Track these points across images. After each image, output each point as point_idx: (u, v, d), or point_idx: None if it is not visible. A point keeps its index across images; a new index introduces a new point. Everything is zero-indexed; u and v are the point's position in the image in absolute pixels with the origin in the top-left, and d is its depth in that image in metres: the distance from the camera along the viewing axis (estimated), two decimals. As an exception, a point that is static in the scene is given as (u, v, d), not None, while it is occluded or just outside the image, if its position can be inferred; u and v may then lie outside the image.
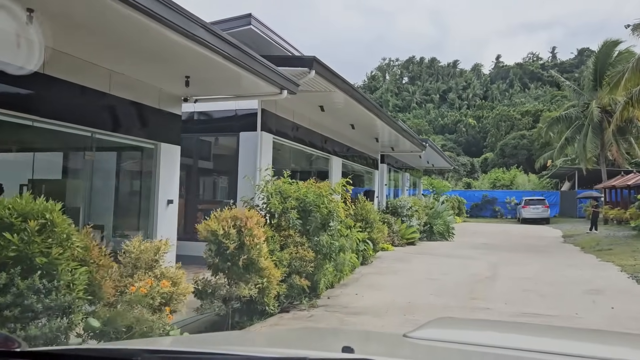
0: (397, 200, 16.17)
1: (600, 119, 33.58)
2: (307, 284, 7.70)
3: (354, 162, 20.39)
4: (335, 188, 8.73)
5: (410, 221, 15.75)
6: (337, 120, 16.20)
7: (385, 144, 21.95)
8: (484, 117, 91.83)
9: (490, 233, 23.04)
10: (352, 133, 18.50)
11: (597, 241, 17.91)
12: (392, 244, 14.44)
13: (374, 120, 15.78)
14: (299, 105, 13.43)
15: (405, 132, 19.57)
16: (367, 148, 21.57)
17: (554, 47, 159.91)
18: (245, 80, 8.20)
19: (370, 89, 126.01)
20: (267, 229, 7.22)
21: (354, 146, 19.80)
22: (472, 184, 52.10)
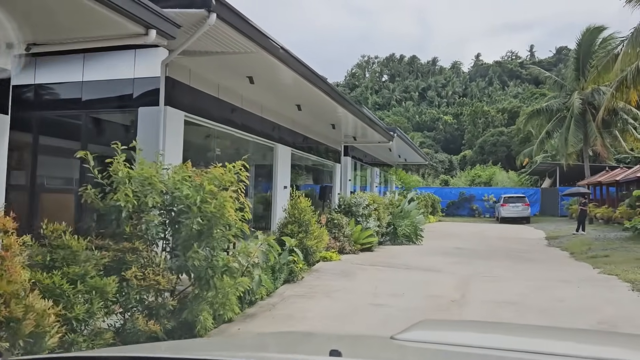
0: (352, 197, 13.18)
1: (583, 111, 31.06)
2: (158, 330, 4.68)
3: (310, 153, 17.37)
4: (224, 177, 5.65)
5: (367, 222, 12.78)
6: (281, 100, 13.18)
7: (346, 133, 18.99)
8: (462, 114, 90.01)
9: (465, 234, 20.21)
10: (303, 117, 15.47)
11: (587, 244, 15.15)
12: (340, 251, 11.47)
13: (324, 100, 12.76)
14: (224, 76, 10.41)
15: (368, 119, 16.60)
16: (326, 138, 18.58)
17: (532, 45, 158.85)
18: (90, 13, 5.13)
19: (350, 86, 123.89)
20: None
21: (308, 134, 16.78)
22: (449, 181, 49.50)
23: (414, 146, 25.26)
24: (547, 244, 17.10)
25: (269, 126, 13.83)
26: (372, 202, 13.45)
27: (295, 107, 13.46)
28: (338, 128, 17.51)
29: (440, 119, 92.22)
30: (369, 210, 13.06)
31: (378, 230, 13.79)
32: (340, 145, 20.51)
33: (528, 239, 18.74)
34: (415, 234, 15.90)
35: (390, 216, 15.52)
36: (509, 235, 20.19)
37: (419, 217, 18.81)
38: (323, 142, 18.48)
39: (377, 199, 14.20)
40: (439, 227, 23.75)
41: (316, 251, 9.07)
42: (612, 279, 9.06)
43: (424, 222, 19.04)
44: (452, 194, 36.62)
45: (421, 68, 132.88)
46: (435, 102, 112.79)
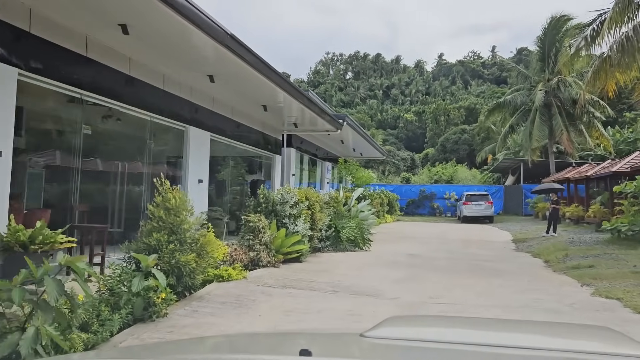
0: (276, 193, 10.20)
1: (549, 104, 28.98)
2: None
3: (239, 141, 14.36)
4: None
5: (295, 225, 9.83)
6: (189, 69, 10.15)
7: (287, 119, 16.03)
8: (424, 112, 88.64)
9: (423, 237, 17.53)
10: (225, 95, 12.44)
11: (562, 249, 12.62)
12: (253, 264, 8.51)
13: (245, 72, 9.82)
14: (88, 22, 7.41)
15: (308, 101, 13.70)
16: (261, 124, 15.57)
17: (494, 46, 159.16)
18: None
19: (314, 84, 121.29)
20: None
21: (236, 118, 13.75)
22: (410, 178, 47.18)
23: (368, 138, 22.49)
24: (515, 248, 14.54)
25: (175, 103, 10.76)
26: (303, 199, 10.49)
27: (207, 78, 10.44)
28: (274, 112, 14.54)
29: (401, 117, 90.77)
30: (298, 210, 10.10)
31: (312, 234, 10.85)
32: (280, 134, 17.54)
33: (493, 242, 16.18)
34: (363, 238, 13.07)
35: (331, 217, 12.64)
36: (472, 237, 17.62)
37: (370, 217, 16.03)
38: (257, 128, 15.47)
39: (312, 195, 11.27)
40: (396, 228, 21.06)
41: (197, 270, 6.08)
42: (615, 307, 6.35)
43: (375, 223, 16.29)
44: (411, 191, 34.08)
45: (385, 66, 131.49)
46: (399, 100, 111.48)
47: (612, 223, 13.50)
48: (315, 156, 22.84)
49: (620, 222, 13.03)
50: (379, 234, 17.89)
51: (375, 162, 56.95)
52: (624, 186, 13.85)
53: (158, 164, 10.54)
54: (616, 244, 13.14)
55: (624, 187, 13.80)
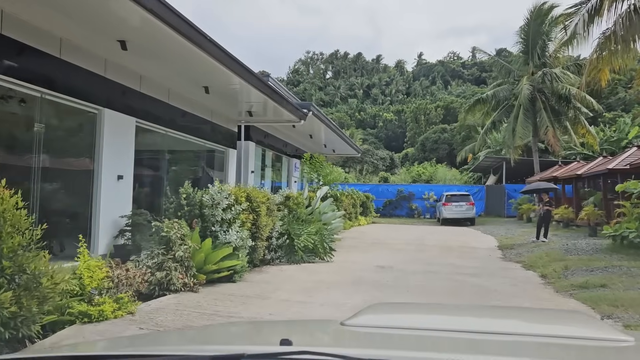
0: (205, 193, 7.85)
1: (533, 98, 27.11)
2: None
3: (181, 131, 12.02)
4: None
5: (227, 233, 7.53)
6: (98, 34, 7.82)
7: (240, 107, 13.72)
8: (404, 111, 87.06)
9: (397, 243, 15.34)
10: (156, 74, 10.12)
11: (560, 260, 10.53)
12: (163, 287, 6.21)
13: (172, 40, 7.55)
14: None
15: (263, 84, 11.44)
16: (209, 112, 13.25)
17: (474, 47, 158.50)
18: None
19: (293, 82, 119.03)
20: None
21: (175, 103, 11.44)
22: (389, 178, 45.15)
23: (338, 131, 20.27)
24: (503, 257, 12.42)
25: (80, 78, 8.38)
26: (242, 200, 8.18)
27: (118, 44, 8.10)
28: (223, 98, 12.24)
29: (380, 116, 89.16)
30: (233, 214, 7.78)
31: (256, 244, 8.55)
32: (236, 124, 15.21)
33: (477, 249, 14.06)
34: (323, 246, 10.80)
35: (286, 221, 10.35)
36: (453, 242, 15.49)
37: (335, 219, 13.79)
38: (205, 117, 13.11)
39: (257, 195, 8.95)
40: (369, 232, 18.86)
41: (21, 315, 3.76)
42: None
43: (341, 227, 14.07)
44: (389, 191, 31.92)
45: (366, 66, 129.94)
46: (379, 99, 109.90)
47: (616, 228, 11.44)
48: (282, 152, 20.55)
49: (626, 227, 10.98)
50: (347, 239, 15.67)
51: (353, 162, 54.85)
52: (627, 185, 11.83)
53: (54, 154, 8.13)
54: (620, 252, 11.10)
55: (628, 186, 11.77)
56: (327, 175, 16.63)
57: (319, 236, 11.08)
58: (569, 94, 25.96)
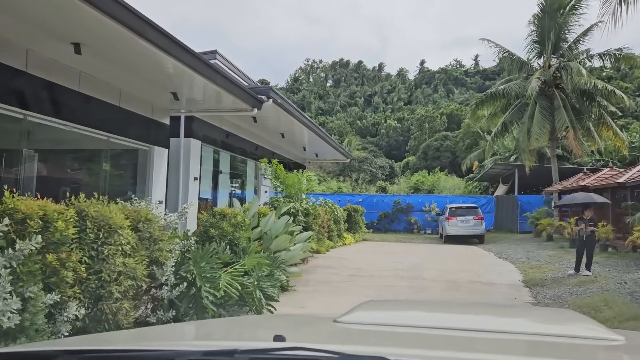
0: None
1: (550, 95, 23.05)
2: None
3: (55, 116, 8.04)
4: None
5: None
6: None
7: (168, 87, 9.75)
8: (406, 119, 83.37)
9: (385, 275, 11.20)
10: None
11: (635, 319, 6.52)
12: None
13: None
14: None
15: (180, 49, 7.46)
16: (113, 93, 9.24)
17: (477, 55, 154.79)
18: None
19: (293, 90, 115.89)
20: None
21: (38, 72, 7.45)
22: (387, 188, 41.02)
23: (317, 130, 16.20)
24: (536, 305, 8.32)
25: None
26: (32, 224, 4.11)
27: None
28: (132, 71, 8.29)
29: (381, 124, 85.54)
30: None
31: (96, 308, 4.50)
32: (165, 114, 11.18)
33: (494, 288, 9.90)
34: (258, 294, 6.72)
35: (177, 259, 6.28)
36: (461, 274, 11.33)
37: (296, 246, 9.72)
38: (109, 100, 9.13)
39: (106, 212, 4.88)
40: (353, 255, 14.71)
41: None
42: None
43: (299, 256, 9.98)
44: (384, 203, 27.68)
45: (367, 74, 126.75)
46: (380, 108, 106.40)
47: None
48: (250, 156, 16.49)
49: None
50: (319, 269, 11.57)
51: (350, 170, 50.88)
52: None
53: None
54: None
55: None
56: (292, 186, 12.52)
57: (255, 276, 7.02)
58: (594, 89, 21.87)
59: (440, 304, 3.27)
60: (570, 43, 23.35)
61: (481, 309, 2.40)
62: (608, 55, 22.30)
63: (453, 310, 2.16)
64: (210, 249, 6.95)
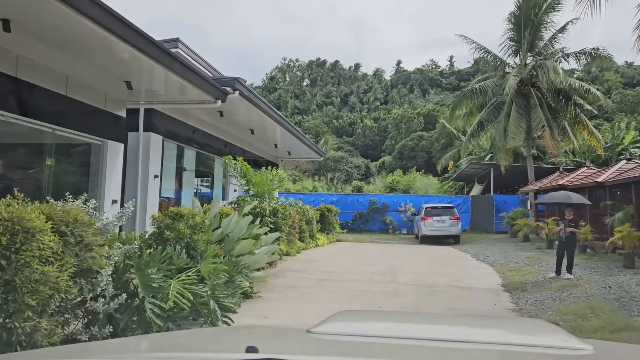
0: None
1: (527, 94, 22.78)
2: None
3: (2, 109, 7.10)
4: None
5: None
6: None
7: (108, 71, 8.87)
8: (382, 118, 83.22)
9: (358, 279, 10.51)
10: None
11: (626, 330, 5.98)
12: None
13: None
14: None
15: (145, 41, 6.66)
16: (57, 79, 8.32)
17: (452, 56, 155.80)
18: None
19: (269, 89, 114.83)
20: None
21: None
22: (363, 187, 40.48)
23: (288, 126, 15.45)
24: (518, 313, 7.74)
25: None
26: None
27: None
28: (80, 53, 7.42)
29: (357, 124, 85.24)
30: None
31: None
32: (120, 106, 10.29)
33: (473, 292, 9.30)
34: (217, 301, 5.96)
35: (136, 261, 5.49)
36: (437, 278, 10.72)
37: (261, 249, 8.97)
38: (52, 88, 8.22)
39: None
40: (325, 258, 14.01)
41: None
42: None
43: (264, 260, 9.23)
44: (359, 202, 27.08)
45: (343, 74, 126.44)
46: (357, 107, 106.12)
47: None
48: (218, 153, 15.64)
49: None
50: (287, 272, 10.84)
51: (326, 170, 50.25)
52: None
53: None
54: None
55: None
56: (260, 184, 11.73)
57: (210, 284, 6.26)
58: (569, 88, 21.66)
59: (415, 314, 3.19)
60: (546, 41, 23.11)
61: (455, 319, 2.35)
62: (584, 55, 22.11)
63: (427, 321, 2.12)
64: (161, 253, 6.15)
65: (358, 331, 1.73)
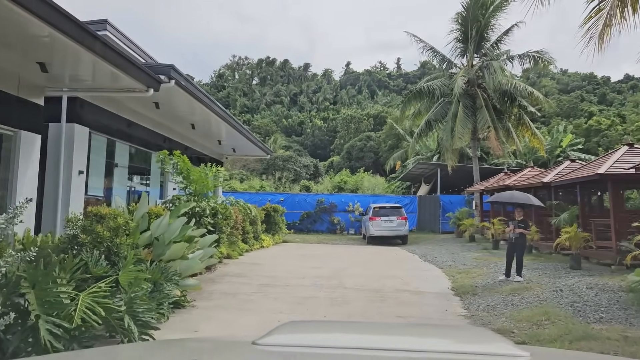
0: None
1: (473, 94, 22.85)
2: None
3: None
4: None
5: None
6: None
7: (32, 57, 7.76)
8: (331, 118, 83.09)
9: (303, 284, 9.77)
10: None
11: (585, 339, 5.58)
12: None
13: None
14: None
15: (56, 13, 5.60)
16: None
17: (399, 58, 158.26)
18: None
19: (217, 87, 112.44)
20: None
21: None
22: (311, 187, 39.89)
23: (232, 121, 14.54)
24: (470, 320, 7.27)
25: None
26: None
27: None
28: None
29: (306, 123, 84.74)
30: None
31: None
32: (38, 93, 9.12)
33: (423, 298, 8.78)
34: (128, 321, 5.09)
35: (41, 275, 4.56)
36: (386, 282, 10.16)
37: (196, 254, 8.10)
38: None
39: None
40: (268, 260, 13.22)
41: None
42: None
43: (199, 266, 8.36)
44: (307, 202, 26.42)
45: (293, 73, 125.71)
46: (306, 107, 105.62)
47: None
48: (157, 150, 14.48)
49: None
50: (227, 277, 9.97)
51: (274, 169, 49.34)
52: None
53: None
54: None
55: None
56: (199, 181, 10.79)
57: (125, 297, 5.36)
58: (514, 89, 21.87)
59: (362, 324, 3.14)
60: (492, 43, 23.28)
61: (402, 329, 2.42)
62: (527, 57, 22.41)
63: (374, 331, 2.11)
64: (73, 260, 5.22)
65: (306, 342, 1.67)
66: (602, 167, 10.92)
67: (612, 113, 58.82)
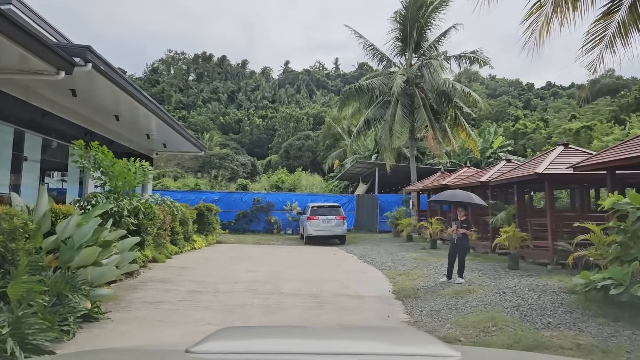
0: None
1: (411, 94, 22.80)
2: None
3: None
4: None
5: None
6: None
7: None
8: (269, 117, 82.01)
9: (235, 289, 8.95)
10: None
11: (537, 347, 5.24)
12: None
13: None
14: None
15: None
16: None
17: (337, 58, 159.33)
18: None
19: (151, 82, 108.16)
20: None
21: None
22: (248, 185, 38.82)
23: (160, 113, 13.41)
24: (414, 326, 6.80)
25: None
26: None
27: None
28: None
29: (245, 121, 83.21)
30: None
31: None
32: None
33: (363, 302, 8.24)
34: (12, 345, 4.15)
35: None
36: (324, 286, 9.56)
37: (110, 258, 7.10)
38: None
39: None
40: (199, 263, 12.25)
41: None
42: None
43: (113, 273, 7.37)
44: (243, 201, 25.42)
45: (231, 70, 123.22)
46: (244, 105, 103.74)
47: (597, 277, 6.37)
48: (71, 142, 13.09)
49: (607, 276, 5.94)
50: (151, 283, 8.98)
51: (210, 167, 47.74)
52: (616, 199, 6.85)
53: None
54: (608, 315, 6.13)
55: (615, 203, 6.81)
56: (120, 177, 9.70)
57: (9, 318, 4.37)
58: (452, 90, 22.02)
59: (298, 329, 2.88)
60: (431, 43, 23.35)
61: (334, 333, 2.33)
62: (464, 58, 22.63)
63: (309, 335, 2.07)
64: None
65: (242, 349, 1.60)
66: (539, 166, 10.89)
67: (536, 117, 61.79)
